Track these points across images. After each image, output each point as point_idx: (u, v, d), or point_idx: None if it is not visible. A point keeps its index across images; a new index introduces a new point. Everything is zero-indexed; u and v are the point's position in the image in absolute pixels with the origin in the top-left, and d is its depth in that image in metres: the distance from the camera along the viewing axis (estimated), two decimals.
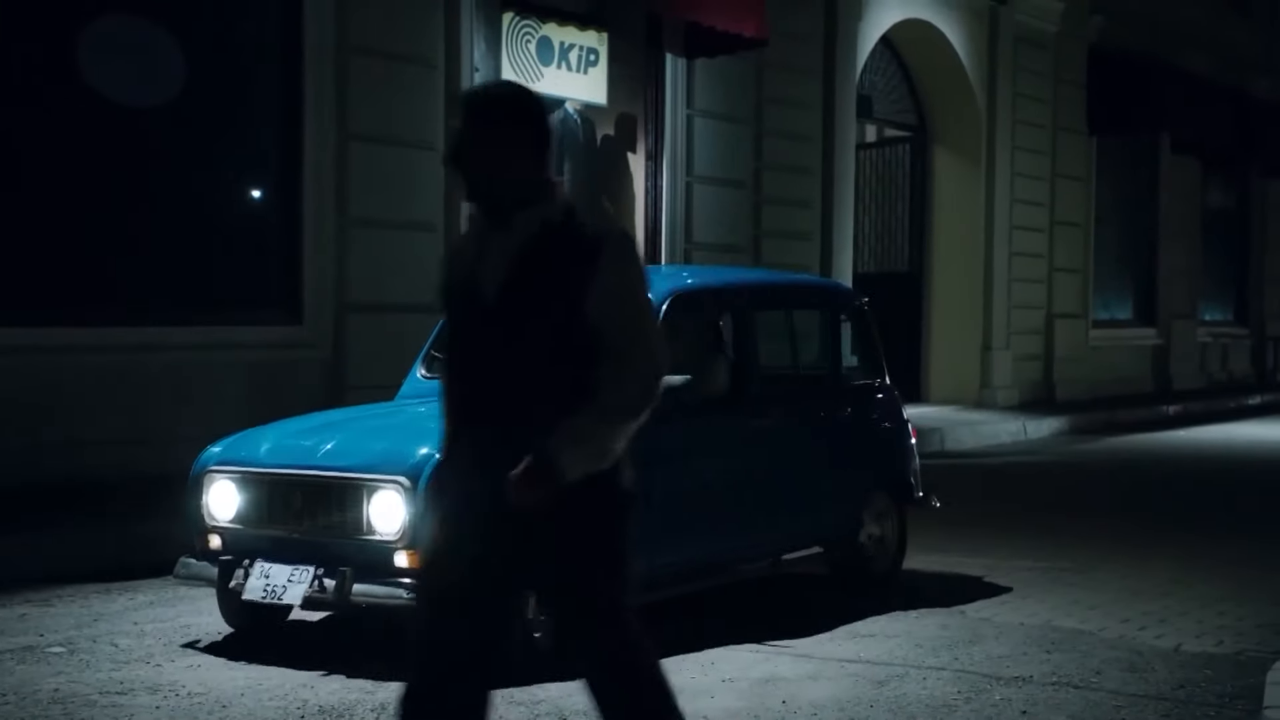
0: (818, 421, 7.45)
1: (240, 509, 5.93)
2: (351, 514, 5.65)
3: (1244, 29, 23.17)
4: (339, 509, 5.70)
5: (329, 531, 5.72)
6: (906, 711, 5.16)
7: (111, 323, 9.07)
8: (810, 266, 14.82)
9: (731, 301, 7.05)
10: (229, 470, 5.96)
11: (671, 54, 12.99)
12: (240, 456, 6.00)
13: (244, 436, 6.24)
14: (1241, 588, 7.36)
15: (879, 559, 7.49)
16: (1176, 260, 21.96)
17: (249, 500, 5.91)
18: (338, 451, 5.82)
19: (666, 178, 13.11)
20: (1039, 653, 6.00)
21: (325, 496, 5.74)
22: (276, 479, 5.88)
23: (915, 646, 6.10)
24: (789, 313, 7.81)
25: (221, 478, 5.98)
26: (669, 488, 6.16)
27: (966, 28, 17.04)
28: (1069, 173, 19.24)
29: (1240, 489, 11.90)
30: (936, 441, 14.28)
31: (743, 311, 6.96)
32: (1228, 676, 5.65)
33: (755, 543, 6.90)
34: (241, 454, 6.02)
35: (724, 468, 6.65)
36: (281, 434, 6.22)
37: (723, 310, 6.96)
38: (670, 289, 6.59)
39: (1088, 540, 8.84)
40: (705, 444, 6.58)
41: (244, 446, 6.10)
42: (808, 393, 7.58)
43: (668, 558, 6.18)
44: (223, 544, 5.95)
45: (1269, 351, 24.67)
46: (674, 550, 6.22)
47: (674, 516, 6.18)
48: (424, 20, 10.80)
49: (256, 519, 5.89)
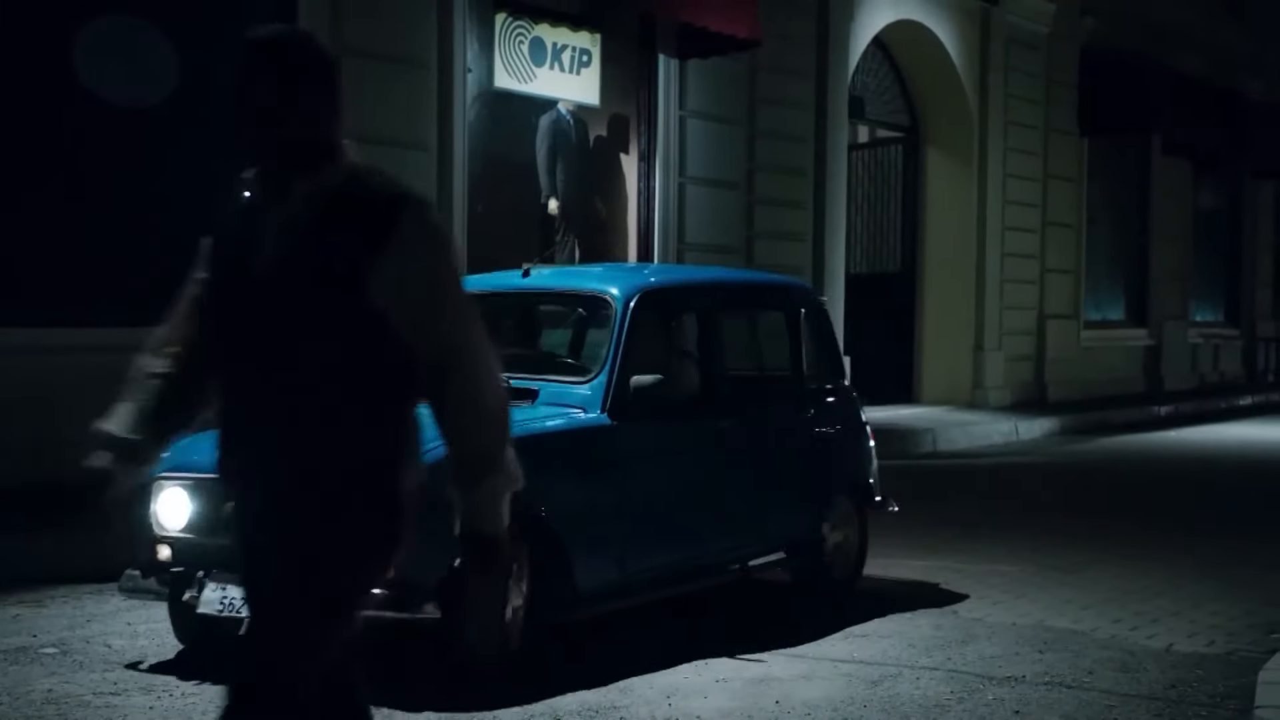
0: (782, 424, 7.23)
1: (192, 517, 5.58)
2: None
3: (1235, 30, 23.22)
4: None
5: None
6: (900, 711, 5.17)
7: (108, 323, 9.04)
8: (803, 267, 14.84)
9: (697, 299, 6.90)
10: (179, 477, 5.57)
11: (664, 55, 13.01)
12: (191, 462, 5.47)
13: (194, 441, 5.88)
14: (1233, 588, 7.39)
15: (841, 565, 7.31)
16: (1168, 261, 22.00)
17: (202, 508, 5.55)
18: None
19: (659, 178, 13.12)
20: (1031, 653, 6.02)
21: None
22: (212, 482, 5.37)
23: (908, 647, 6.11)
24: (750, 311, 7.66)
25: (171, 485, 5.61)
26: (643, 490, 6.11)
27: (958, 29, 17.07)
28: (1061, 173, 19.27)
29: (1232, 489, 11.93)
30: (929, 442, 14.31)
31: (707, 310, 6.81)
32: (1219, 676, 5.67)
33: (725, 548, 6.71)
34: (193, 459, 5.44)
35: (695, 470, 6.50)
36: None
37: (688, 308, 6.83)
38: (637, 286, 6.45)
39: (1079, 540, 8.86)
40: (677, 446, 6.44)
41: (194, 451, 5.44)
42: (772, 394, 7.37)
43: (642, 562, 6.11)
44: (173, 555, 5.60)
45: (1260, 352, 24.73)
46: (648, 554, 6.14)
47: (648, 520, 6.12)
48: (417, 21, 10.80)
49: (208, 528, 5.50)
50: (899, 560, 8.08)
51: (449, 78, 10.96)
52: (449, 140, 10.97)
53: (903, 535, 8.99)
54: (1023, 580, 7.59)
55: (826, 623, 6.51)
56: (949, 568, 7.93)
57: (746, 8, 12.63)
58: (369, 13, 10.43)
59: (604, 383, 6.05)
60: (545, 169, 12.34)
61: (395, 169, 10.43)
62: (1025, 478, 12.59)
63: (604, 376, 6.06)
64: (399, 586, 4.95)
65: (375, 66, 10.44)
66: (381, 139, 10.49)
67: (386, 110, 10.52)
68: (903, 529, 9.28)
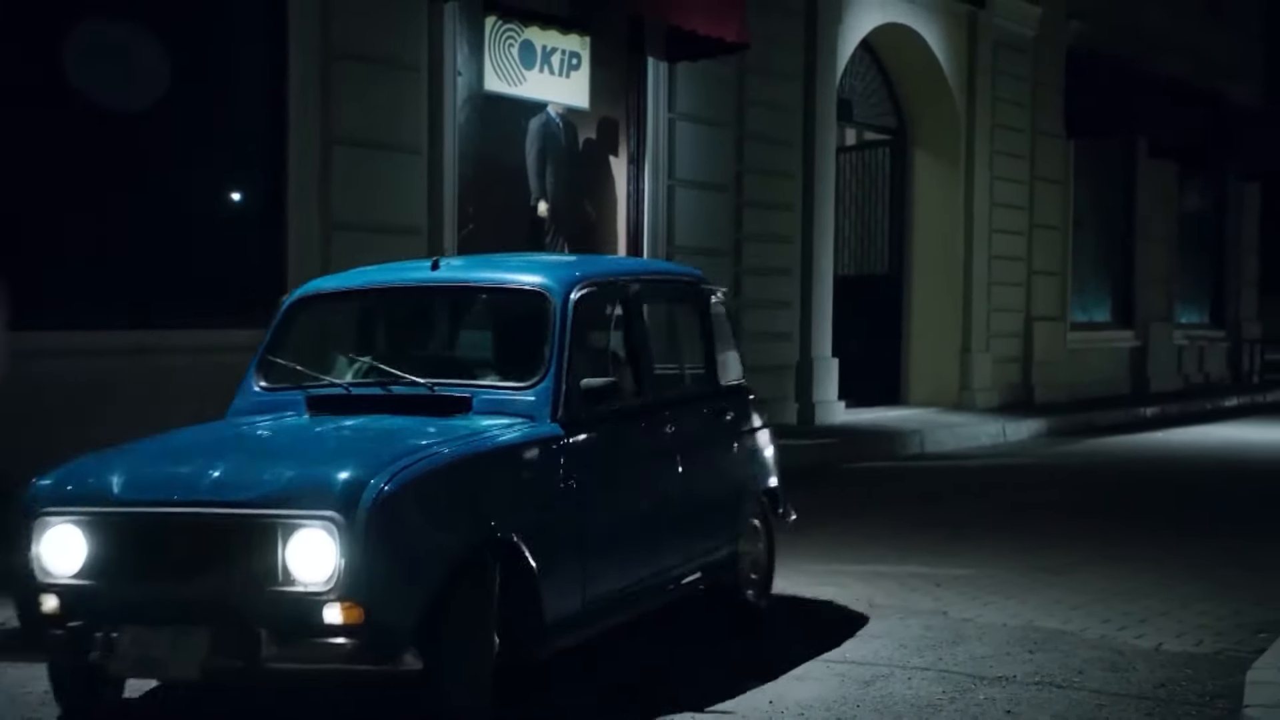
0: (705, 428, 6.54)
1: (90, 561, 4.66)
2: (260, 560, 4.49)
3: (1220, 34, 23.32)
4: (241, 554, 4.52)
5: (226, 584, 4.51)
6: (893, 711, 5.21)
7: (97, 327, 9.07)
8: (791, 269, 14.90)
9: (624, 292, 6.08)
10: (71, 511, 4.70)
11: (653, 58, 13.04)
12: (86, 492, 4.73)
13: (83, 465, 4.94)
14: (1221, 588, 7.44)
15: (755, 580, 6.74)
16: (1153, 263, 22.09)
17: (103, 549, 4.65)
18: (233, 480, 4.63)
19: (648, 181, 13.15)
20: (1022, 653, 6.06)
21: (221, 539, 4.56)
22: (146, 519, 4.66)
23: (899, 647, 6.15)
24: (667, 305, 6.95)
25: (61, 521, 4.70)
26: (597, 507, 5.45)
27: (945, 32, 17.14)
28: (1047, 176, 19.35)
29: (1218, 490, 11.99)
30: (916, 444, 14.37)
31: (633, 303, 6.09)
32: (1208, 675, 5.72)
33: (667, 566, 6.00)
34: (87, 488, 4.75)
35: (642, 482, 5.87)
36: (138, 460, 4.95)
37: (618, 302, 6.02)
38: (575, 278, 5.75)
39: (1068, 541, 8.91)
40: (624, 456, 5.78)
41: (88, 477, 4.82)
42: (693, 395, 6.61)
43: (599, 588, 5.43)
44: (62, 607, 4.66)
45: (1245, 354, 24.83)
46: (605, 578, 5.49)
47: (604, 540, 5.47)
48: (407, 24, 10.82)
49: (116, 573, 4.64)
50: (901, 561, 8.12)
51: (439, 81, 10.98)
52: (439, 143, 11.00)
53: (891, 537, 9.05)
54: (1011, 581, 7.63)
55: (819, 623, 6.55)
56: (937, 568, 7.96)
57: (735, 11, 12.67)
58: (359, 16, 10.44)
59: (551, 387, 5.35)
60: (535, 172, 12.37)
61: (385, 172, 10.56)
62: (1013, 479, 12.64)
63: (550, 380, 5.36)
64: (367, 630, 4.41)
65: (365, 69, 10.46)
66: (371, 142, 10.54)
67: (376, 113, 10.54)
68: (892, 530, 9.33)
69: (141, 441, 5.29)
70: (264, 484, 4.57)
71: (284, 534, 4.48)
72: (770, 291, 14.62)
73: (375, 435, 5.17)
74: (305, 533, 4.46)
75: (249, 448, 5.10)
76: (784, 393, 14.75)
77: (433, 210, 10.92)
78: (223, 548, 4.55)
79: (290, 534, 4.47)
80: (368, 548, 4.43)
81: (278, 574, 4.47)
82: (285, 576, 4.47)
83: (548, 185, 12.39)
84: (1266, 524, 9.87)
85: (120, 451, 5.05)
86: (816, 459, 12.90)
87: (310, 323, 6.02)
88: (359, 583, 4.41)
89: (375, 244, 10.41)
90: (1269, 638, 6.14)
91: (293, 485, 4.55)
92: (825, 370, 15.15)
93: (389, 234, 10.53)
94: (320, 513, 4.45)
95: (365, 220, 10.42)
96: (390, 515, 4.51)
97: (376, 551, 4.45)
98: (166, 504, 4.64)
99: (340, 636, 4.41)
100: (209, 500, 4.58)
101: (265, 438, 5.29)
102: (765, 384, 14.50)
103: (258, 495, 4.54)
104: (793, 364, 14.90)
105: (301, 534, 4.46)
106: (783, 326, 14.78)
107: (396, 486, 4.55)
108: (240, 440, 5.25)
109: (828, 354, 15.22)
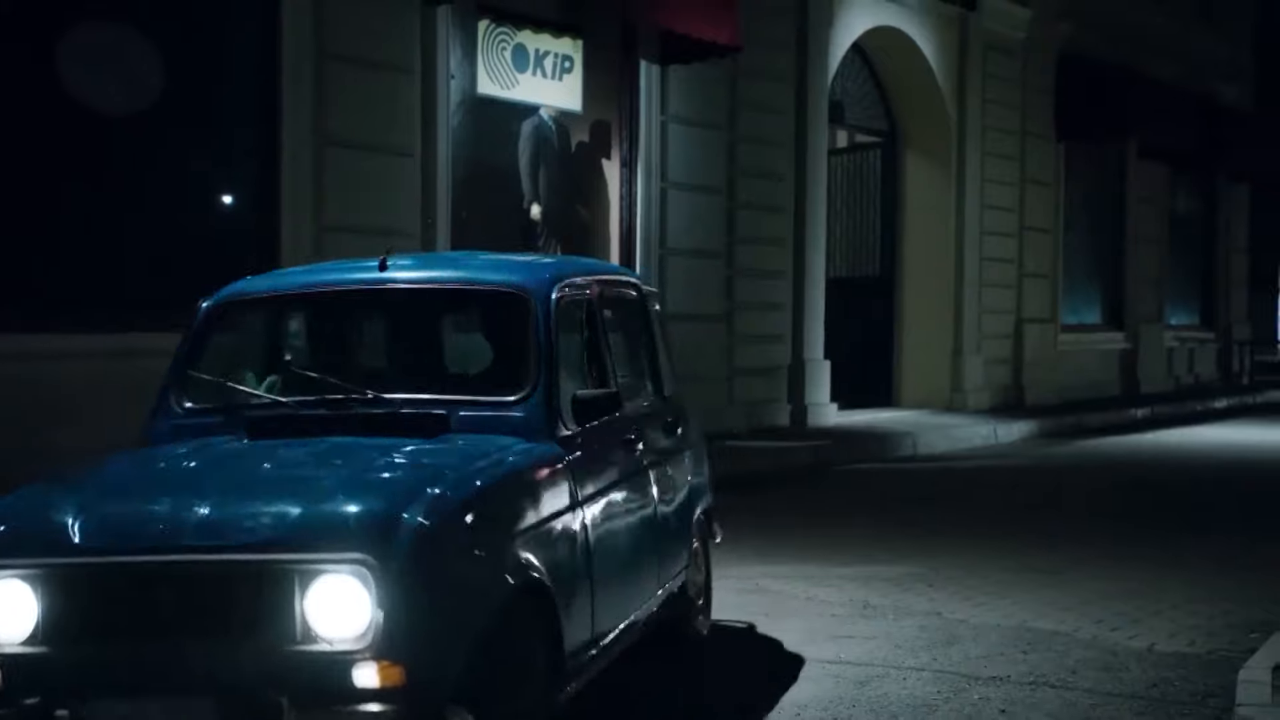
0: (665, 443, 5.92)
1: (46, 623, 3.85)
2: (273, 614, 3.77)
3: (1210, 36, 23.40)
4: (249, 608, 3.79)
5: (231, 645, 3.78)
6: (889, 711, 5.24)
7: (88, 329, 9.07)
8: (784, 271, 14.93)
9: (591, 295, 5.42)
10: (16, 564, 3.88)
11: (646, 61, 13.08)
12: (36, 538, 3.92)
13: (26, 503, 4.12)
14: (1212, 588, 7.47)
15: (701, 607, 6.30)
16: (1144, 265, 22.16)
17: (63, 608, 3.85)
18: (228, 519, 3.87)
19: (641, 184, 13.18)
20: (1015, 653, 6.10)
21: (221, 592, 3.81)
22: (122, 570, 3.85)
23: (894, 648, 6.18)
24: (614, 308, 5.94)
25: (3, 576, 3.87)
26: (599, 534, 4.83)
27: (937, 35, 17.19)
28: (1038, 178, 19.41)
29: (1209, 491, 12.03)
30: (909, 445, 14.40)
31: (596, 307, 5.41)
32: (1200, 675, 5.75)
33: (647, 596, 5.44)
34: (37, 534, 3.93)
35: (625, 504, 5.24)
36: (97, 497, 4.10)
37: (585, 305, 5.36)
38: (551, 278, 5.12)
39: (1060, 542, 8.94)
40: (611, 475, 5.14)
41: (36, 520, 3.98)
42: (651, 408, 5.95)
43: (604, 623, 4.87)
44: (9, 681, 3.84)
45: (1235, 355, 24.91)
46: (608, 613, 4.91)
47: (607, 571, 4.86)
48: (400, 27, 10.85)
49: (81, 636, 3.84)
50: (900, 562, 8.15)
51: (432, 84, 11.01)
52: (432, 146, 11.03)
53: (884, 538, 9.07)
54: (1004, 582, 7.66)
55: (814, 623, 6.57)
56: (932, 569, 7.99)
57: (727, 15, 12.72)
58: (352, 19, 10.47)
59: (542, 401, 4.71)
60: (527, 174, 12.40)
61: (379, 175, 10.58)
62: (1005, 480, 12.68)
63: (541, 393, 4.72)
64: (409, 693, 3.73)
65: (359, 73, 10.48)
66: (365, 145, 10.56)
67: (370, 116, 10.57)
68: (885, 532, 9.36)
69: (85, 473, 4.44)
70: (269, 522, 3.84)
71: (302, 582, 3.76)
72: (762, 294, 14.66)
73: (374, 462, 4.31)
74: (329, 580, 3.75)
75: (231, 479, 4.19)
76: (776, 395, 14.80)
77: (426, 213, 10.94)
78: (224, 601, 3.81)
79: (310, 581, 3.76)
80: (408, 595, 3.73)
81: (296, 630, 3.76)
82: (306, 633, 3.75)
83: (540, 188, 12.42)
84: (1257, 524, 9.91)
85: (69, 486, 4.22)
86: (809, 461, 12.95)
87: (234, 331, 5.28)
88: (398, 637, 3.72)
89: (368, 246, 10.41)
90: (1260, 637, 6.17)
91: (308, 523, 3.82)
92: (817, 372, 15.19)
93: (382, 236, 10.49)
94: (348, 555, 3.74)
95: (358, 223, 10.44)
96: (432, 554, 3.84)
97: (418, 599, 3.76)
98: (146, 550, 3.84)
99: (376, 702, 3.71)
100: (202, 545, 3.82)
101: (242, 467, 4.40)
102: (757, 386, 14.58)
103: (265, 537, 3.81)
104: (785, 366, 14.93)
105: (324, 582, 3.75)
106: (775, 329, 14.82)
107: (436, 520, 3.89)
108: (210, 470, 4.36)
109: (820, 356, 15.26)
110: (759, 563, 8.09)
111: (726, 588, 7.25)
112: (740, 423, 14.02)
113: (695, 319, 13.49)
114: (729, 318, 14.23)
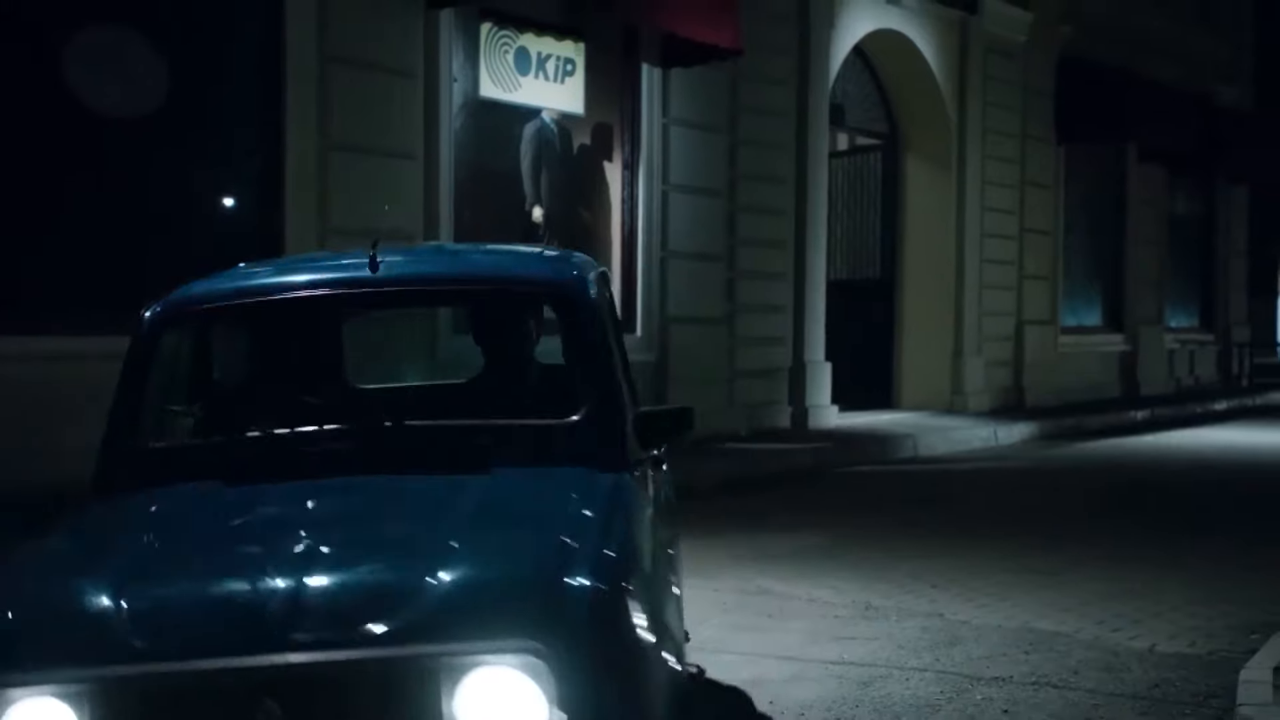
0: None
1: None
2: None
3: (1209, 38, 23.43)
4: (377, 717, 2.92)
5: None
6: (892, 711, 5.28)
7: (90, 331, 9.09)
8: (784, 274, 14.97)
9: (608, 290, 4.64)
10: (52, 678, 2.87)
11: (648, 64, 13.12)
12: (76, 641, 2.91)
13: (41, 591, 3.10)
14: (1213, 590, 7.49)
15: None
16: (1143, 267, 22.19)
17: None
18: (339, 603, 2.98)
19: (643, 186, 13.22)
20: (1018, 654, 6.13)
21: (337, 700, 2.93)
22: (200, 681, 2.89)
23: (897, 648, 6.21)
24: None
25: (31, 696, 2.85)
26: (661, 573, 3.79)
27: (937, 38, 17.23)
28: (1038, 180, 19.44)
29: (1209, 493, 12.05)
30: (909, 447, 14.43)
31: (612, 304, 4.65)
32: (1201, 676, 5.78)
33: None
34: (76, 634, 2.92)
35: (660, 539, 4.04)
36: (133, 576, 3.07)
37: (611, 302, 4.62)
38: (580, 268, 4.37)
39: (1061, 543, 8.97)
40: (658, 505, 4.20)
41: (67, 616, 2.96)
42: None
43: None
44: None
45: (1235, 357, 24.93)
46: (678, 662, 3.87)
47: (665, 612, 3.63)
48: (403, 31, 10.89)
49: None
50: (883, 564, 8.18)
51: (435, 87, 11.06)
52: (435, 149, 11.07)
53: (886, 539, 9.10)
54: (1006, 583, 7.68)
55: (812, 625, 6.60)
56: (932, 570, 8.02)
57: (729, 18, 12.76)
58: (355, 23, 10.51)
59: (612, 418, 3.81)
60: (529, 177, 12.43)
61: (382, 177, 10.62)
62: (1005, 482, 12.70)
63: (610, 409, 3.83)
64: None
65: (361, 76, 10.52)
66: (368, 148, 10.60)
67: (373, 119, 10.61)
68: (886, 533, 9.39)
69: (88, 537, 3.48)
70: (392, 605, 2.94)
71: (449, 680, 2.91)
72: (763, 296, 14.69)
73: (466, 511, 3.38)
74: (485, 675, 2.92)
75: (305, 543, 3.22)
76: (777, 397, 14.83)
77: (429, 216, 10.99)
78: (340, 711, 2.93)
79: (459, 678, 2.91)
80: (590, 686, 2.91)
81: None
82: None
83: (542, 191, 12.45)
84: (1257, 526, 9.94)
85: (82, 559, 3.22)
86: (810, 463, 12.98)
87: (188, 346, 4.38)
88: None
89: None
90: (1260, 638, 6.20)
91: (449, 603, 2.95)
92: (818, 374, 15.22)
93: (385, 239, 10.56)
94: (509, 641, 2.90)
95: (362, 226, 10.44)
96: (613, 632, 3.02)
97: (602, 691, 2.94)
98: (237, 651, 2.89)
99: None
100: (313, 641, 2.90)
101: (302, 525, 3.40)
102: (758, 388, 14.61)
103: (396, 625, 2.92)
104: (785, 368, 14.96)
105: (478, 677, 2.92)
106: (776, 331, 14.85)
107: (609, 585, 3.07)
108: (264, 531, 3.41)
109: (820, 358, 15.29)
110: (760, 565, 8.12)
111: (728, 589, 7.29)
112: (741, 425, 14.05)
113: (696, 321, 13.54)
114: (730, 320, 14.26)
